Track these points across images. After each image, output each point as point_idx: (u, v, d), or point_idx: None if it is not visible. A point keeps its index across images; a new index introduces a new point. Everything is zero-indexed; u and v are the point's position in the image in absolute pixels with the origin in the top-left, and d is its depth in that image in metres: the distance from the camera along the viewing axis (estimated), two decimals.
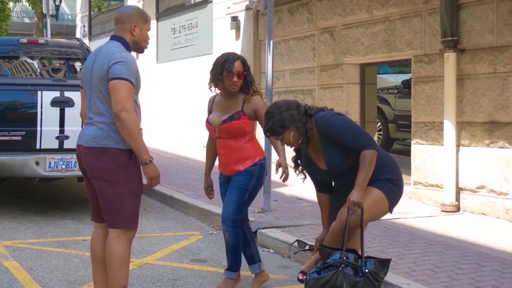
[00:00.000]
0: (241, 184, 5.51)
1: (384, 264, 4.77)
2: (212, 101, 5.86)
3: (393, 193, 4.99)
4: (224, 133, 5.57)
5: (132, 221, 4.74)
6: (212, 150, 5.91)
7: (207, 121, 5.81)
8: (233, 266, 5.65)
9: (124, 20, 4.78)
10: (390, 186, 4.98)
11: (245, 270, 6.18)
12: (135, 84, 4.61)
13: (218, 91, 5.76)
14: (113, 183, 4.62)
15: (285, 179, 5.61)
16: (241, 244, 5.63)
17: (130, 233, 4.75)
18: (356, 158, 4.76)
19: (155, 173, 4.65)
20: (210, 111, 5.82)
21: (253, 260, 5.78)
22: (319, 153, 4.94)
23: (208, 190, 5.85)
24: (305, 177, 5.21)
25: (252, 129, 5.64)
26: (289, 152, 5.34)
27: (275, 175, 8.89)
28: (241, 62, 5.54)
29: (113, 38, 4.80)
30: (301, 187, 10.31)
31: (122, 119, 4.46)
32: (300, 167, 5.15)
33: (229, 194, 5.53)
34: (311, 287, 4.68)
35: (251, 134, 5.64)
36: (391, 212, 5.09)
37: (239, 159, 5.53)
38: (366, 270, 4.63)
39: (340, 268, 4.60)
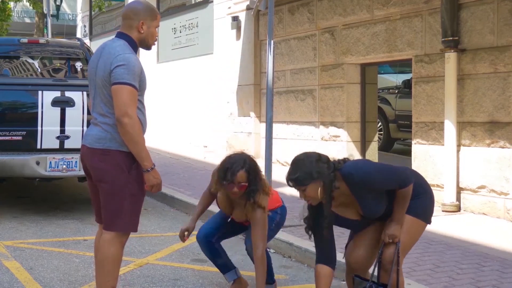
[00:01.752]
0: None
1: None
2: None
3: (425, 207, 4.73)
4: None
5: (129, 226, 4.69)
6: (208, 201, 5.81)
7: (217, 200, 5.65)
8: (227, 267, 5.75)
9: (131, 16, 4.68)
10: (419, 203, 4.65)
11: (248, 271, 6.19)
12: (139, 85, 4.56)
13: None
14: (114, 186, 4.58)
15: None
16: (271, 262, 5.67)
17: (124, 237, 4.72)
18: (390, 197, 4.52)
19: (156, 181, 4.59)
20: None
21: (228, 268, 5.75)
22: (347, 207, 4.62)
23: (184, 234, 5.57)
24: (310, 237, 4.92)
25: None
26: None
27: (276, 175, 8.90)
28: (246, 172, 5.14)
29: (119, 35, 4.70)
30: None
31: (124, 125, 4.42)
32: (313, 228, 4.79)
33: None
34: None
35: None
36: (430, 223, 4.88)
37: None
38: None
39: None
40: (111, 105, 4.52)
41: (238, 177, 5.11)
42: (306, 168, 4.45)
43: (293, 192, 9.87)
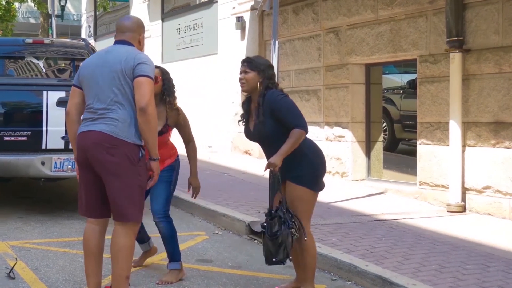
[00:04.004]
0: (167, 178, 6.01)
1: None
2: None
3: (309, 177, 5.40)
4: None
5: (140, 215, 4.95)
6: None
7: None
8: (174, 256, 6.06)
9: (135, 29, 5.12)
10: (305, 173, 5.39)
11: (255, 271, 6.20)
12: None
13: None
14: (125, 177, 4.80)
15: (196, 195, 6.38)
16: (176, 233, 6.09)
17: (136, 227, 4.97)
18: (281, 135, 5.27)
19: (159, 170, 5.01)
20: None
21: (143, 240, 6.38)
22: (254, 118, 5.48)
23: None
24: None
25: (169, 135, 6.17)
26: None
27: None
28: (160, 71, 6.01)
29: (124, 42, 5.05)
30: None
31: (148, 114, 4.73)
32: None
33: (155, 188, 5.85)
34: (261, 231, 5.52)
35: (169, 138, 6.17)
36: (316, 190, 5.48)
37: (162, 159, 5.71)
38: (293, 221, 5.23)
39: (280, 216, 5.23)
40: (128, 99, 4.82)
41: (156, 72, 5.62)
42: (261, 61, 5.54)
43: None
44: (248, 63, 5.47)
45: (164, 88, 5.98)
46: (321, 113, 11.58)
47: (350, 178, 10.93)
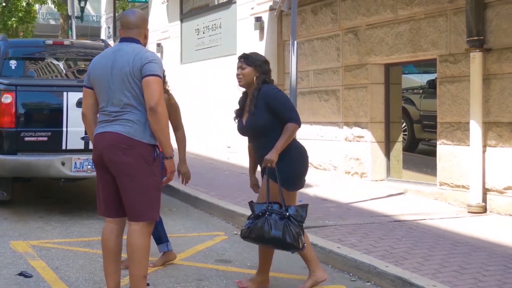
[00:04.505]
0: None
1: (302, 208, 5.54)
2: None
3: (287, 177, 5.53)
4: None
5: (156, 214, 4.97)
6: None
7: None
8: (160, 239, 6.43)
9: (140, 25, 5.08)
10: (285, 174, 5.52)
11: (273, 271, 6.19)
12: None
13: None
14: (141, 178, 4.82)
15: (186, 182, 6.48)
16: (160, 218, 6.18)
17: (151, 226, 4.98)
18: (272, 128, 5.50)
19: (174, 168, 4.98)
20: None
21: (161, 240, 6.46)
22: (247, 112, 5.69)
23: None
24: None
25: None
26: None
27: None
28: None
29: (131, 40, 5.02)
30: (326, 187, 10.32)
31: (158, 113, 4.73)
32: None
33: None
34: (244, 236, 5.51)
35: None
36: (291, 190, 5.63)
37: None
38: (287, 214, 5.40)
39: (266, 215, 5.38)
40: (139, 99, 4.81)
41: None
42: (257, 57, 5.72)
43: (317, 192, 9.92)
44: (245, 59, 5.67)
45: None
46: (340, 113, 11.56)
47: (369, 179, 10.90)
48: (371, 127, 10.94)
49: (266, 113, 5.50)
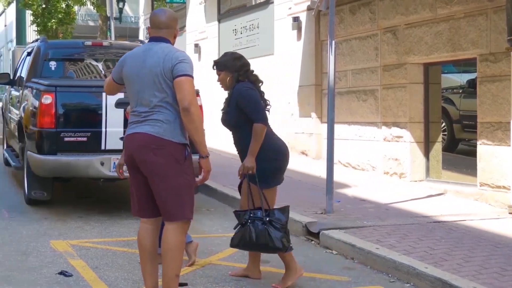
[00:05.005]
0: None
1: (283, 211, 5.75)
2: None
3: (262, 175, 5.72)
4: None
5: (190, 213, 4.97)
6: None
7: None
8: None
9: (171, 25, 5.07)
10: (262, 172, 5.72)
11: (312, 272, 6.17)
12: None
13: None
14: (172, 177, 4.83)
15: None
16: None
17: (187, 225, 5.01)
18: (242, 125, 5.82)
19: (210, 167, 4.98)
20: None
21: None
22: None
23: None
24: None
25: None
26: None
27: (338, 177, 8.85)
28: None
29: (161, 39, 5.01)
30: (364, 188, 10.27)
31: (192, 113, 4.73)
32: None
33: None
34: (233, 245, 5.89)
35: None
36: (265, 187, 5.77)
37: None
38: (268, 219, 5.63)
39: (249, 223, 5.66)
40: (169, 99, 4.82)
41: None
42: (225, 58, 6.03)
43: (356, 193, 9.87)
44: (216, 65, 6.02)
45: None
46: (378, 114, 11.49)
47: (408, 179, 10.81)
48: (410, 127, 10.85)
49: (237, 111, 5.82)
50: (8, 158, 10.99)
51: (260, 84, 6.14)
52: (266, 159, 5.73)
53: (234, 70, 5.92)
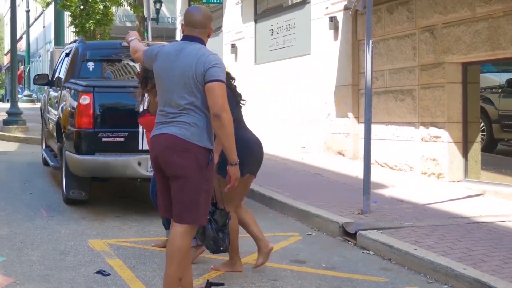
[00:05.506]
0: None
1: (224, 215, 5.66)
2: None
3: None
4: None
5: (203, 219, 4.95)
6: None
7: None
8: None
9: (206, 25, 4.99)
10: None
11: (349, 272, 6.14)
12: None
13: None
14: (192, 181, 4.78)
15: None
16: None
17: (195, 230, 5.00)
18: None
19: (238, 174, 4.91)
20: None
21: None
22: None
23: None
24: None
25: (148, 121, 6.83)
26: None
27: (375, 177, 8.79)
28: (142, 70, 6.77)
29: (195, 39, 4.94)
30: (402, 188, 10.19)
31: (223, 119, 4.68)
32: None
33: None
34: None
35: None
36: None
37: None
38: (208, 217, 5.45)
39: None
40: (199, 103, 4.77)
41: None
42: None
43: (393, 193, 9.80)
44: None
45: (144, 76, 6.51)
46: (416, 113, 11.39)
47: (446, 179, 10.71)
48: (448, 127, 10.75)
49: None
50: (47, 158, 11.11)
51: (232, 81, 6.12)
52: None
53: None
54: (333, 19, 13.66)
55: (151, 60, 5.05)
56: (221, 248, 5.69)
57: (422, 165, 11.23)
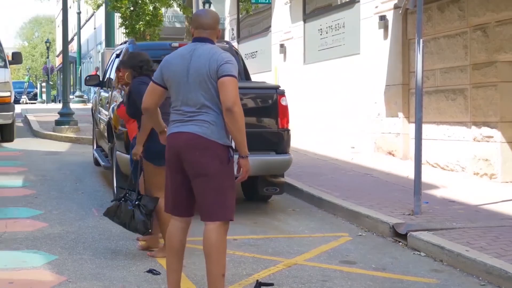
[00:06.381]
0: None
1: (153, 200, 6.54)
2: None
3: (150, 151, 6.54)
4: None
5: (231, 214, 5.03)
6: None
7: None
8: None
9: (215, 26, 5.17)
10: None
11: (399, 274, 6.09)
12: None
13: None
14: (216, 178, 4.90)
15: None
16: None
17: (227, 225, 5.04)
18: (140, 115, 6.32)
19: (249, 166, 5.00)
20: None
21: None
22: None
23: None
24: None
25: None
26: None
27: (426, 177, 8.68)
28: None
29: (206, 40, 5.11)
30: (454, 189, 10.06)
31: (235, 112, 4.79)
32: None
33: None
34: (104, 214, 6.87)
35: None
36: (156, 164, 6.47)
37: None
38: (137, 203, 6.57)
39: (121, 201, 6.68)
40: (214, 100, 4.89)
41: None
42: (127, 57, 7.03)
43: (444, 194, 9.68)
44: (120, 63, 7.18)
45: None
46: (468, 113, 11.23)
47: (499, 180, 10.54)
48: (501, 126, 10.58)
49: (134, 104, 6.47)
50: (98, 158, 11.25)
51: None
52: (152, 141, 6.30)
53: (131, 66, 6.74)
54: (382, 18, 13.56)
55: (164, 70, 5.16)
56: (150, 230, 6.59)
57: (474, 165, 11.07)
